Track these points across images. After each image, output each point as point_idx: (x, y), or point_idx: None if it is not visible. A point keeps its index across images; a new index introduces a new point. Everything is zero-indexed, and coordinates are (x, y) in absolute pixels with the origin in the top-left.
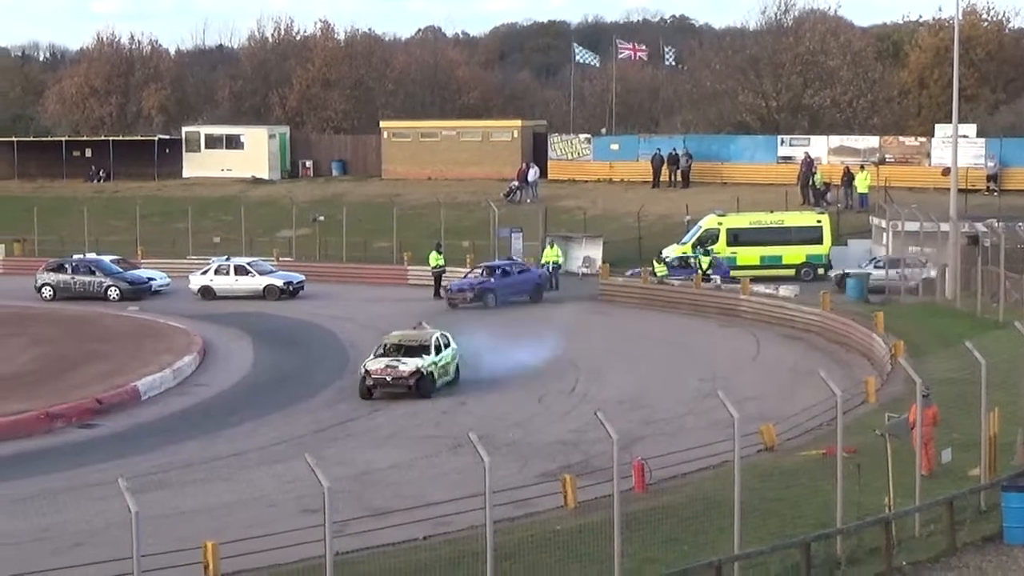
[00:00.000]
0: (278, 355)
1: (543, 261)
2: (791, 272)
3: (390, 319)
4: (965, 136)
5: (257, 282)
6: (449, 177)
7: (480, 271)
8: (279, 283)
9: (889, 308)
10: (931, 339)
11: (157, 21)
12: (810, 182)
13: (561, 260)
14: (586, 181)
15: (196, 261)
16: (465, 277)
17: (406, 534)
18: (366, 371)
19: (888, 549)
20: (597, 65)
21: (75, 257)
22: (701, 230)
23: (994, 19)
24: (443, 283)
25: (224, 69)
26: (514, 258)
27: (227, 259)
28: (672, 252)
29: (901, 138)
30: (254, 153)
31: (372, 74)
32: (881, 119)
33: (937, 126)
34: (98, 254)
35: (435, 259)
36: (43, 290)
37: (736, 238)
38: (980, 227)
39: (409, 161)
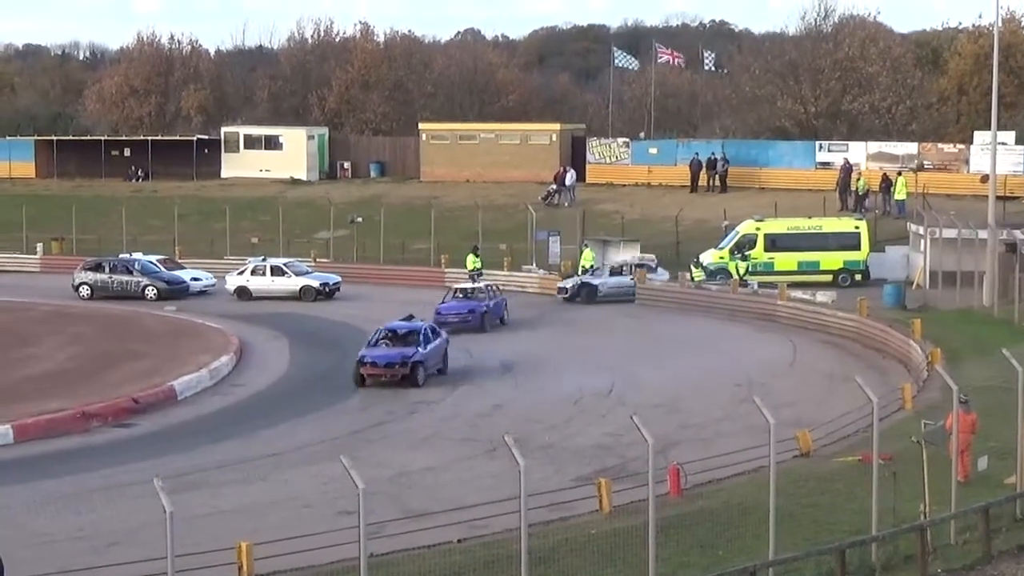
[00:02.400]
0: (314, 356)
1: (581, 265)
2: (828, 278)
3: (427, 321)
4: (1004, 143)
5: (293, 283)
6: (487, 180)
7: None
8: (315, 284)
9: (926, 315)
10: (968, 346)
11: (197, 21)
12: (853, 188)
13: (592, 264)
14: (624, 185)
15: (234, 261)
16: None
17: (441, 537)
18: None
19: (923, 556)
20: (636, 69)
21: (122, 256)
22: (739, 235)
23: None
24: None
25: (263, 70)
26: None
27: (263, 260)
28: (709, 257)
29: (940, 145)
30: (293, 154)
31: (411, 76)
32: (920, 125)
33: (976, 133)
34: (144, 253)
35: (472, 262)
36: (81, 289)
37: (774, 243)
38: (1018, 234)
39: (447, 163)
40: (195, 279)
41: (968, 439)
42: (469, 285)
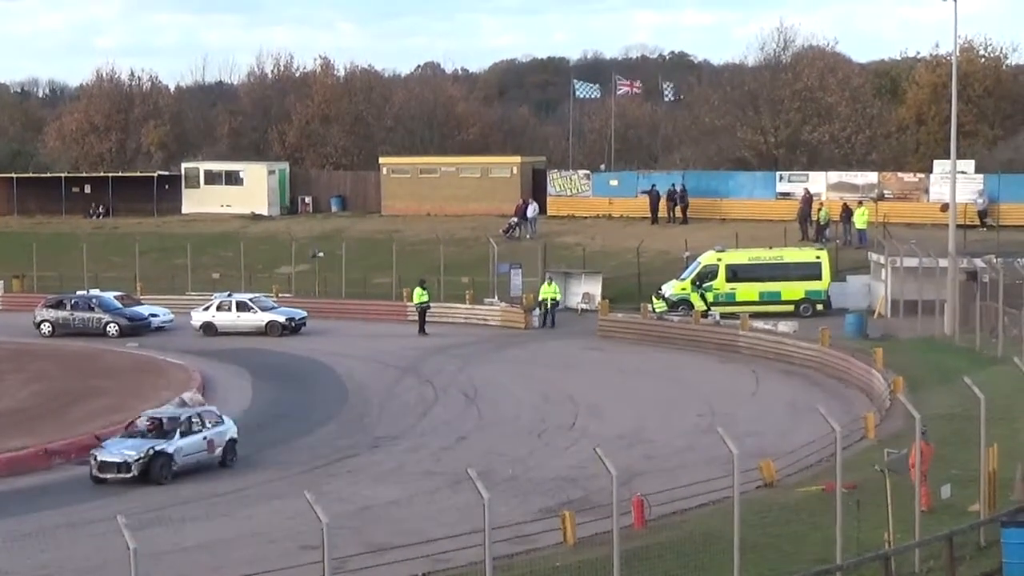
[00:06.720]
0: (277, 391)
1: (541, 298)
2: (790, 308)
3: (390, 354)
4: (963, 172)
5: (259, 318)
6: (448, 213)
7: None
8: (281, 319)
9: (888, 344)
10: (930, 375)
11: (157, 57)
12: (814, 218)
13: (559, 297)
14: (585, 217)
15: (195, 297)
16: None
17: (405, 571)
18: None
19: None
20: (598, 96)
21: (79, 293)
22: (700, 266)
23: (991, 55)
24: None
25: (224, 105)
26: None
27: (229, 295)
28: (671, 288)
29: (899, 174)
30: (253, 189)
31: (371, 110)
32: (879, 155)
33: (935, 162)
34: (101, 290)
35: (419, 295)
36: (42, 326)
37: (735, 274)
38: (978, 263)
39: (408, 197)
40: (153, 315)
41: (925, 468)
42: None
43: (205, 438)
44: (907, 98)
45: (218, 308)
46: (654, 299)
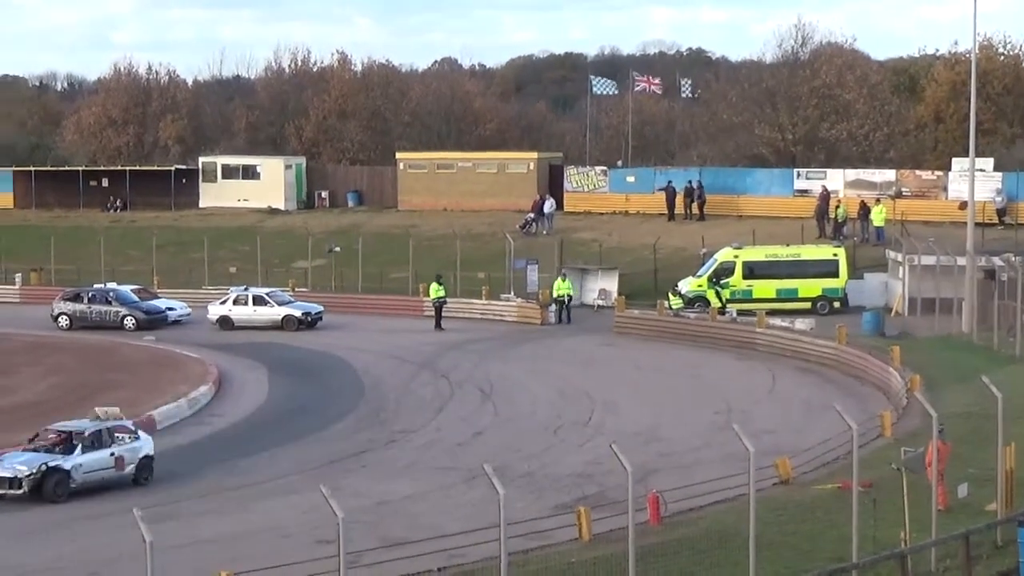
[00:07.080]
0: (293, 386)
1: (555, 294)
2: (807, 305)
3: (406, 349)
4: (982, 170)
5: (276, 312)
6: (465, 208)
7: None
8: (297, 313)
9: (905, 342)
10: (947, 373)
11: (174, 51)
12: (832, 215)
13: (573, 292)
14: (602, 213)
15: (212, 291)
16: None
17: (421, 566)
18: None
19: None
20: (615, 93)
21: (96, 286)
22: (717, 263)
23: (1011, 53)
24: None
25: (241, 99)
26: None
27: (245, 289)
28: (687, 285)
29: (918, 172)
30: (271, 183)
31: (388, 105)
32: (897, 152)
33: (954, 160)
34: (118, 283)
35: (435, 290)
36: (60, 319)
37: (752, 271)
38: (997, 261)
39: (425, 192)
40: (170, 308)
41: (942, 467)
42: None
43: (113, 454)
44: (925, 95)
45: (235, 302)
46: (670, 296)
